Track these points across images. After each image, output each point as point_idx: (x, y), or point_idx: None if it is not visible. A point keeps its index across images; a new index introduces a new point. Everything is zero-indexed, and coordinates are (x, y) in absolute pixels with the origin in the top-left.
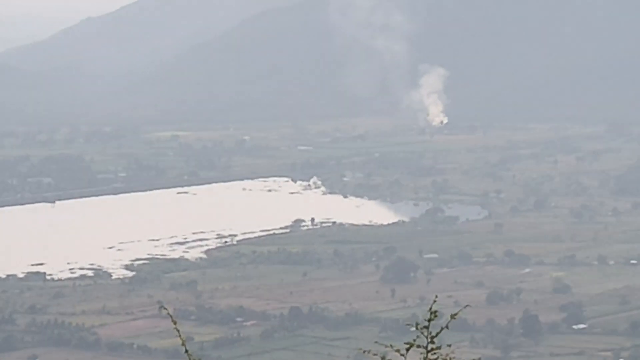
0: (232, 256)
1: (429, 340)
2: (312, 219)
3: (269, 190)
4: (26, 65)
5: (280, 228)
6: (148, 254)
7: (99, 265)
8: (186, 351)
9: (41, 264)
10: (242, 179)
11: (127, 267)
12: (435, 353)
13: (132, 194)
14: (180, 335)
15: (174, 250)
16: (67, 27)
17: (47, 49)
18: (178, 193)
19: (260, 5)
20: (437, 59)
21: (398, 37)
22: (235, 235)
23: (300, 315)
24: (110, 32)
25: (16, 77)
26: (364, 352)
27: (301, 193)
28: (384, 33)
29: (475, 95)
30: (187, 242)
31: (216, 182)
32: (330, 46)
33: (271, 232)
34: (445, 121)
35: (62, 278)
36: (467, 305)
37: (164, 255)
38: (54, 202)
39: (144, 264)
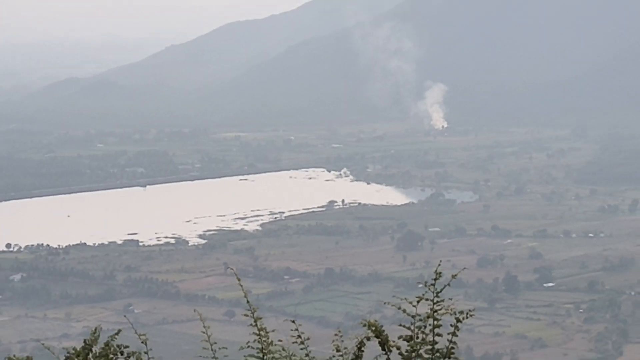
0: (280, 228)
1: (435, 294)
2: (343, 200)
3: (309, 178)
4: (123, 82)
5: (318, 207)
6: (217, 227)
7: (179, 235)
8: (247, 302)
9: (135, 234)
10: (288, 169)
11: (200, 236)
12: (439, 304)
13: (205, 180)
14: (242, 289)
15: (236, 223)
16: (156, 52)
17: (140, 69)
18: (240, 180)
19: (301, 35)
20: (438, 76)
21: (407, 60)
22: (283, 213)
23: (333, 274)
24: (188, 56)
25: (116, 91)
26: (385, 303)
27: (334, 180)
28: (396, 56)
29: (468, 105)
30: (247, 217)
31: (269, 171)
32: (355, 67)
33: (311, 210)
34: (445, 125)
35: (151, 244)
36: (463, 268)
37: (229, 227)
38: (145, 186)
39: (213, 234)
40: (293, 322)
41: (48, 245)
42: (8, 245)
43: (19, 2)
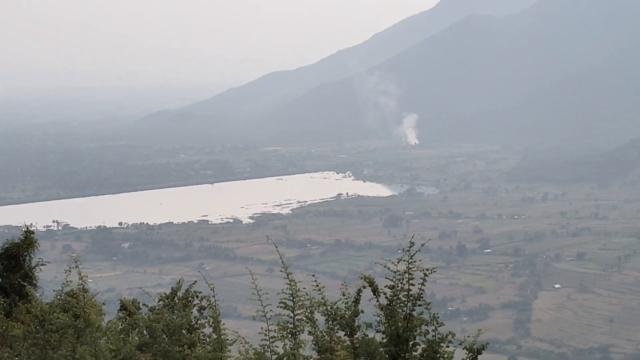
0: (304, 212)
1: (410, 257)
2: (347, 193)
3: (324, 178)
4: (199, 113)
5: (330, 197)
6: (261, 211)
7: (236, 216)
8: (282, 262)
9: (206, 215)
10: (310, 172)
11: (250, 217)
12: (412, 264)
13: (253, 179)
14: (278, 253)
15: (274, 208)
16: (221, 92)
17: (210, 104)
18: (277, 179)
19: (319, 81)
20: (412, 108)
21: (391, 97)
22: (306, 201)
23: (340, 243)
24: (242, 95)
25: (193, 119)
26: (375, 263)
27: (341, 180)
28: (383, 95)
29: (433, 128)
30: (281, 204)
31: (297, 174)
32: (355, 102)
33: (325, 199)
34: (417, 142)
35: (217, 223)
36: (429, 240)
37: (269, 211)
38: (212, 183)
39: (259, 215)
40: (313, 276)
41: (147, 223)
42: (120, 223)
43: (128, 54)
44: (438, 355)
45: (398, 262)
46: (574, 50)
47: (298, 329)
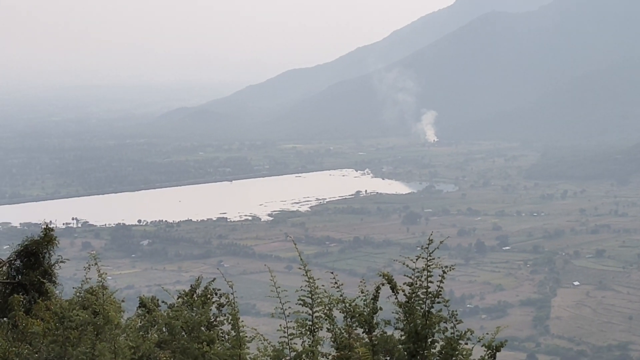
0: (323, 209)
1: (428, 255)
2: (365, 190)
3: (343, 175)
4: (217, 110)
5: (349, 195)
6: (280, 208)
7: (254, 214)
8: (301, 259)
9: (224, 213)
10: (328, 169)
11: (268, 215)
12: (431, 261)
13: (271, 177)
14: (297, 250)
15: (293, 206)
16: (239, 90)
17: (228, 102)
18: (295, 177)
19: (337, 78)
20: (431, 106)
21: (409, 94)
22: (325, 199)
23: (359, 240)
24: (261, 93)
25: (212, 116)
26: (394, 260)
27: (359, 177)
28: (401, 92)
29: (452, 125)
30: (300, 202)
31: (315, 171)
32: (374, 99)
33: (343, 197)
34: (435, 139)
35: (235, 220)
36: (447, 237)
37: (288, 208)
38: (231, 181)
39: (277, 213)
40: (331, 273)
41: (166, 220)
42: (139, 221)
43: (145, 53)
44: (457, 352)
45: (417, 260)
46: (592, 48)
47: (317, 326)
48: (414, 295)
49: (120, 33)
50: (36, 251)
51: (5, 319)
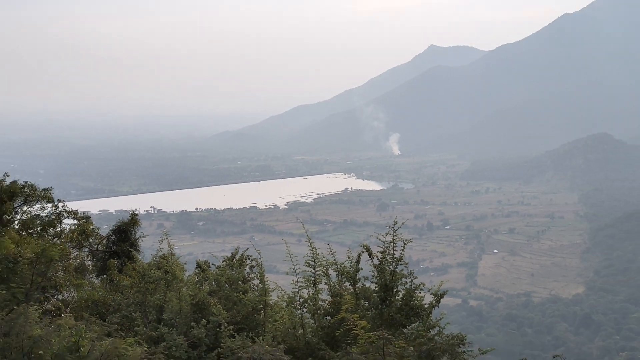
0: (322, 201)
1: (394, 232)
2: (351, 187)
3: (335, 177)
4: (249, 133)
5: (340, 191)
6: (292, 200)
7: (275, 203)
8: (307, 235)
9: (255, 203)
10: (326, 173)
11: (285, 204)
12: (396, 236)
13: (287, 178)
14: (304, 228)
15: (302, 198)
16: (264, 120)
17: (257, 127)
18: (303, 178)
19: (332, 110)
20: (396, 130)
21: (381, 122)
22: (323, 193)
23: (347, 222)
24: (279, 122)
25: (246, 137)
26: (371, 235)
27: (347, 178)
28: (376, 120)
29: (411, 143)
30: (306, 195)
31: (317, 174)
32: (357, 126)
33: (336, 192)
34: (399, 153)
35: (262, 207)
36: (407, 220)
37: (298, 200)
38: (259, 181)
39: (290, 202)
40: (328, 244)
41: (215, 208)
42: (196, 208)
43: (202, 91)
44: (413, 298)
45: (386, 235)
46: (507, 90)
47: (317, 280)
48: (384, 259)
49: (186, 77)
50: (126, 229)
51: (104, 275)
